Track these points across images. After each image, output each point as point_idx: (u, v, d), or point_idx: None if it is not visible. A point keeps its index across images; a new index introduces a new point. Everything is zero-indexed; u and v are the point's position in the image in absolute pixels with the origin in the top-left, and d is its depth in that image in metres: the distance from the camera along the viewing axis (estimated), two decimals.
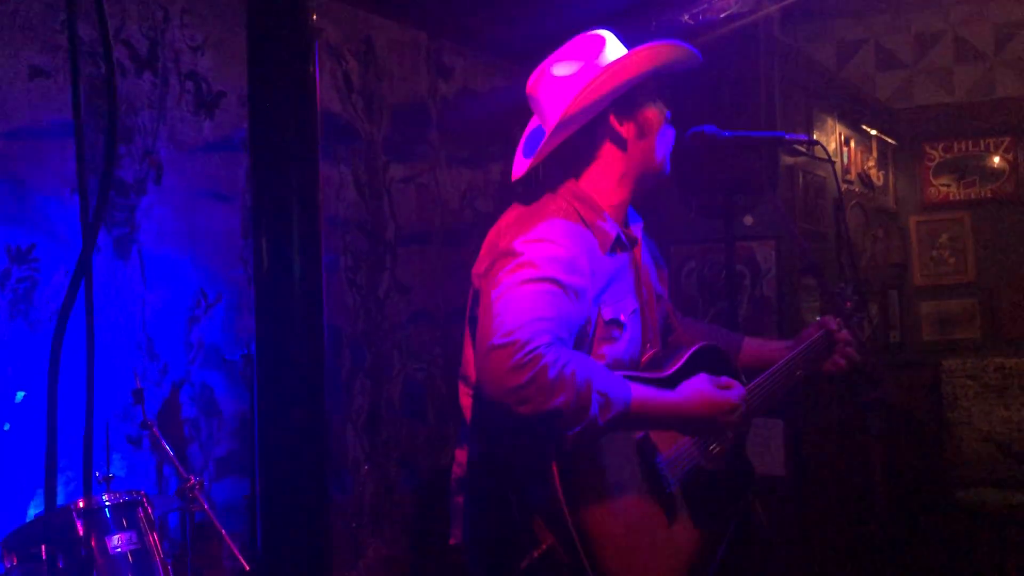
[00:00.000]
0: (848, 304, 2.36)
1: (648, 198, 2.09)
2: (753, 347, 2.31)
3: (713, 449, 1.99)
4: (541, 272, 1.71)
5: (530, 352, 1.59)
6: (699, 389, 1.84)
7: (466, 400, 1.93)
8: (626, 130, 1.92)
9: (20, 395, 2.92)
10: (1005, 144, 4.96)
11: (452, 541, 1.94)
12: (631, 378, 1.75)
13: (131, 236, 3.33)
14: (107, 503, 2.49)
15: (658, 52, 1.88)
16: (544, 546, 1.66)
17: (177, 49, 3.53)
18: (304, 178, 0.87)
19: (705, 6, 3.52)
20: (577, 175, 1.95)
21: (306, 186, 0.86)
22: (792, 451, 3.69)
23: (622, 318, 1.89)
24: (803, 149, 3.86)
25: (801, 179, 3.93)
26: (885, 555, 4.22)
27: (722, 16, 3.38)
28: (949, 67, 5.15)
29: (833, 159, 2.60)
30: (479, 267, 1.87)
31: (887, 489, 4.28)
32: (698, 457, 1.95)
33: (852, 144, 4.49)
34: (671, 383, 1.87)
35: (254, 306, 0.90)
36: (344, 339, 4.13)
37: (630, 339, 1.92)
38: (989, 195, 5.00)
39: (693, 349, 1.99)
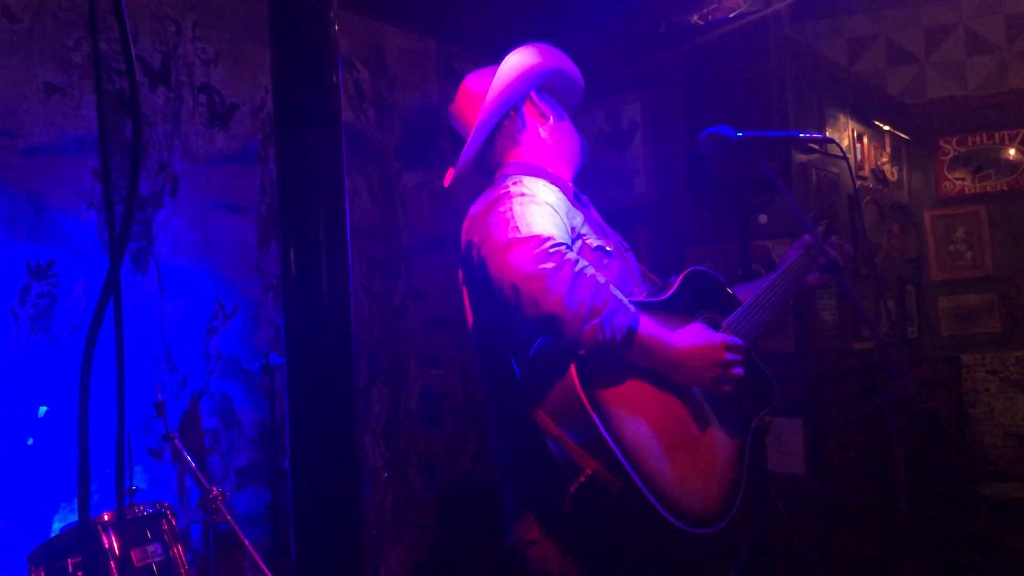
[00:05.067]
0: (820, 228, 2.38)
1: (660, 200, 2.10)
2: (744, 288, 2.29)
3: None
4: (536, 198, 1.80)
5: (555, 246, 1.64)
6: (695, 343, 1.77)
7: None
8: (506, 136, 2.12)
9: (43, 410, 2.94)
10: (1020, 136, 4.93)
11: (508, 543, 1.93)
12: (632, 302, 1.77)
13: (148, 249, 3.35)
14: (132, 515, 2.50)
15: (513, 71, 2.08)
16: (589, 471, 1.64)
17: (190, 63, 3.56)
18: (330, 188, 0.88)
19: (715, 6, 3.51)
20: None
21: (332, 195, 0.87)
22: (811, 450, 3.68)
23: (607, 247, 1.95)
24: (816, 147, 3.85)
25: (814, 176, 3.92)
26: (907, 551, 4.19)
27: (732, 15, 3.37)
28: (961, 60, 5.12)
29: (847, 156, 2.59)
30: (464, 238, 1.93)
31: (909, 486, 4.25)
32: None
33: (865, 140, 4.47)
34: (670, 305, 1.89)
35: (283, 316, 0.92)
36: (361, 347, 4.14)
37: (619, 269, 1.96)
38: (1005, 187, 4.97)
39: (685, 273, 2.00)
